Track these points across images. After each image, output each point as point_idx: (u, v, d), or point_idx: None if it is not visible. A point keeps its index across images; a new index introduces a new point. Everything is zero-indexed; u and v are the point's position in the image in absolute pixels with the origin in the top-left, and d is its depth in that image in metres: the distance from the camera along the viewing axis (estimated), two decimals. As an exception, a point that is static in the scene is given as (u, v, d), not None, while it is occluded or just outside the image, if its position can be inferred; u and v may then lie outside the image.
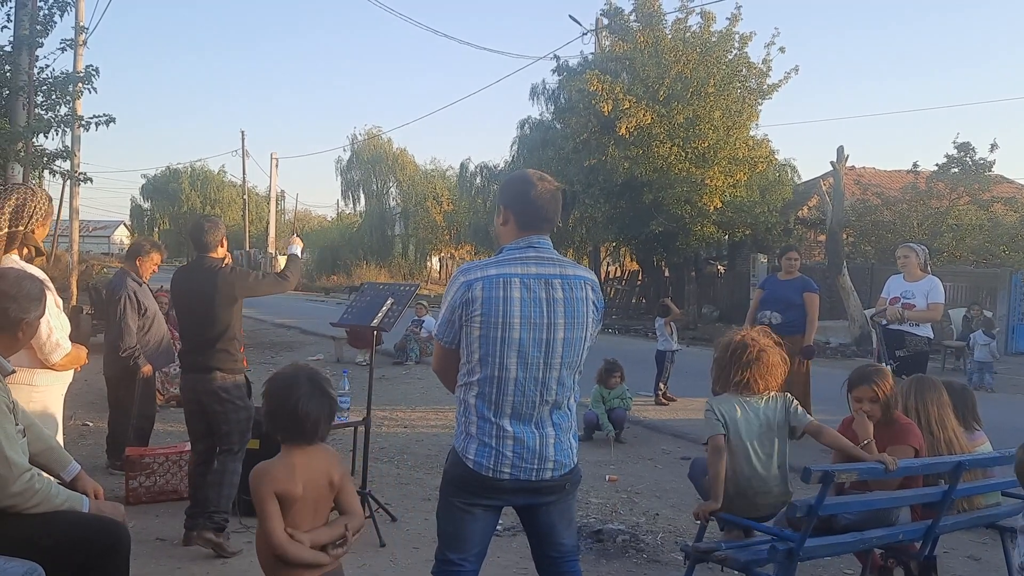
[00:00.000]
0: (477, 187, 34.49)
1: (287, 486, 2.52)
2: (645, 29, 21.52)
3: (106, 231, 74.66)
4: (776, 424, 3.80)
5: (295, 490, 2.53)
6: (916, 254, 7.23)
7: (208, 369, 4.58)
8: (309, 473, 2.57)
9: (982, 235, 20.69)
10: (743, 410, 3.78)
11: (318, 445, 2.65)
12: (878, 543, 3.89)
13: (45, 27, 12.24)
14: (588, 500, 5.81)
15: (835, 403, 4.07)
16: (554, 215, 2.86)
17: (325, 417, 2.63)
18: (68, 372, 3.69)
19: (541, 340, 2.72)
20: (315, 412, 2.59)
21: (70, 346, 3.58)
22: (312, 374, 2.66)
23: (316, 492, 2.58)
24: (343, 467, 2.72)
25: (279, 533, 2.48)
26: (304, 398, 2.57)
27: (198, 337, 4.63)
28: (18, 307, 2.96)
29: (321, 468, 2.61)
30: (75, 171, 13.90)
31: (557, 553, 2.92)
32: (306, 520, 2.56)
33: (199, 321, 4.63)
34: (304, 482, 2.55)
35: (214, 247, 4.69)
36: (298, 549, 2.49)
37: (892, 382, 4.08)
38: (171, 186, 63.52)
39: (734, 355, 3.84)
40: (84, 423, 7.79)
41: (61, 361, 3.53)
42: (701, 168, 20.50)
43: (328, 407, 2.63)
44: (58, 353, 3.50)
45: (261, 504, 2.50)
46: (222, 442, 4.63)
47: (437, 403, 9.69)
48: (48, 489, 2.86)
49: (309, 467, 2.58)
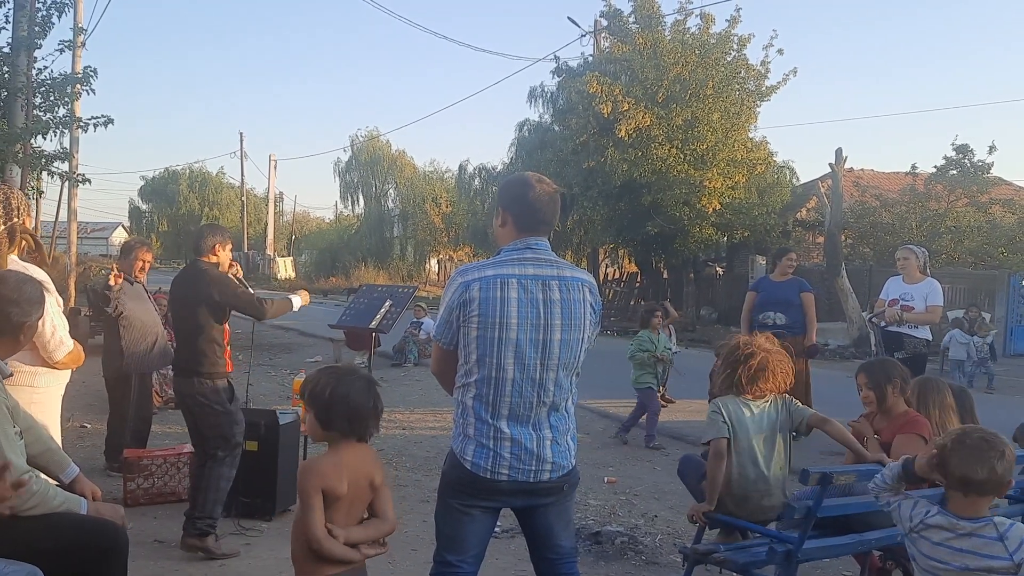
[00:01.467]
0: (476, 189, 34.45)
1: (334, 483, 2.55)
2: (644, 31, 21.54)
3: (104, 233, 74.55)
4: (779, 425, 3.81)
5: (340, 488, 2.55)
6: (916, 256, 7.24)
7: (188, 372, 4.60)
8: (355, 472, 2.60)
9: (980, 237, 20.73)
10: (749, 411, 3.78)
11: (365, 445, 2.69)
12: (877, 545, 3.89)
13: (43, 28, 12.23)
14: (586, 502, 5.80)
15: (835, 404, 4.09)
16: (552, 217, 2.86)
17: (376, 417, 2.67)
18: (66, 373, 3.69)
19: (538, 341, 2.72)
20: (370, 410, 2.64)
21: (72, 343, 3.59)
22: (366, 374, 2.74)
23: (358, 491, 2.62)
24: (384, 470, 2.75)
25: (319, 528, 2.51)
26: (362, 395, 2.62)
27: (182, 339, 4.70)
28: (20, 311, 2.97)
29: (366, 468, 2.64)
30: (73, 173, 13.88)
31: (555, 555, 2.91)
32: (342, 517, 2.59)
33: (183, 323, 4.69)
34: (349, 480, 2.58)
35: (206, 251, 4.69)
36: (333, 545, 2.53)
37: (898, 373, 4.11)
38: (169, 188, 63.47)
39: (739, 360, 3.82)
40: (82, 424, 7.78)
41: (64, 359, 3.53)
42: (700, 170, 20.52)
43: (380, 407, 2.68)
44: (62, 350, 3.50)
45: (306, 498, 2.53)
46: (205, 446, 4.62)
47: (435, 405, 9.68)
48: (46, 491, 2.85)
49: (356, 466, 2.62)
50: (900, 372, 4.14)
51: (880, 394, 4.07)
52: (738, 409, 3.78)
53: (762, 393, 3.80)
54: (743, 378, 3.78)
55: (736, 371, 3.81)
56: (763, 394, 3.80)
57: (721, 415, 3.76)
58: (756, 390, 3.79)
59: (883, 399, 4.06)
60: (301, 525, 2.55)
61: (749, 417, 3.76)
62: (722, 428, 3.73)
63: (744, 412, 3.77)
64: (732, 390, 3.84)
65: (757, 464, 3.73)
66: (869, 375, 4.15)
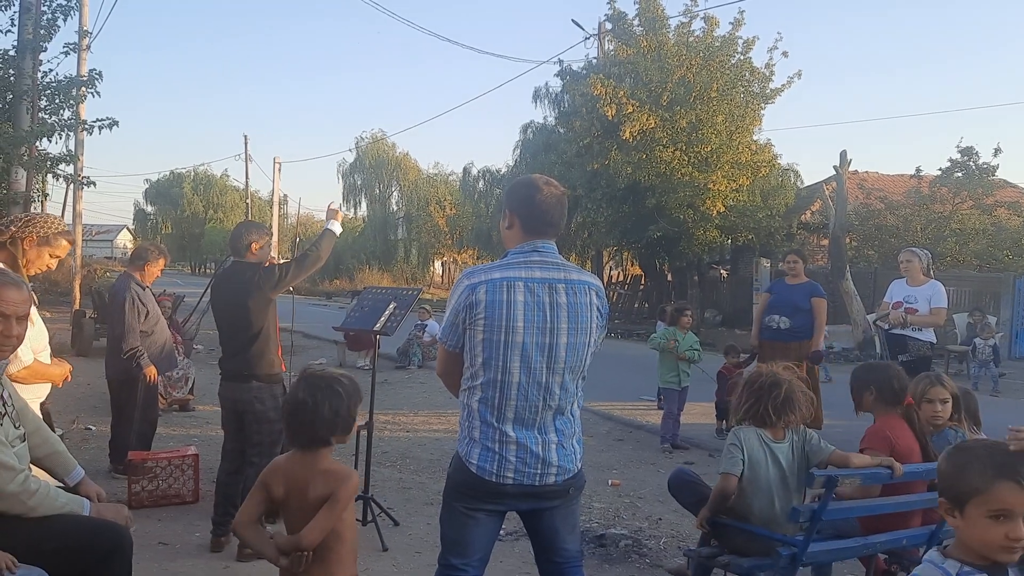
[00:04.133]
0: (480, 191, 34.52)
1: (271, 485, 2.61)
2: (648, 34, 21.53)
3: (109, 235, 74.87)
4: (797, 461, 3.68)
5: (276, 492, 2.59)
6: (919, 258, 7.22)
7: (244, 377, 4.52)
8: (292, 481, 2.57)
9: (985, 239, 20.67)
10: (767, 451, 3.64)
11: (324, 455, 2.60)
12: (882, 548, 3.87)
13: (49, 31, 12.30)
14: (591, 505, 5.79)
15: (843, 408, 4.06)
16: (559, 220, 2.86)
17: (322, 424, 2.55)
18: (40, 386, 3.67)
19: (544, 344, 2.71)
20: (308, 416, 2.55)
21: (31, 359, 3.54)
22: (314, 380, 2.61)
23: (298, 501, 2.56)
24: (335, 492, 2.54)
25: (243, 512, 2.63)
26: (300, 403, 2.56)
27: (234, 343, 4.57)
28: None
29: (301, 478, 2.56)
30: (78, 175, 13.94)
31: (560, 558, 2.91)
32: (291, 520, 2.58)
33: (233, 326, 4.57)
34: (287, 488, 2.57)
35: (244, 251, 4.62)
36: (247, 530, 2.61)
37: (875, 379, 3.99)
38: (174, 190, 63.68)
39: (764, 392, 3.67)
40: (87, 427, 7.78)
41: (19, 373, 3.48)
42: (704, 173, 20.50)
43: (322, 415, 2.55)
44: (15, 364, 3.44)
45: (252, 489, 2.65)
46: (250, 450, 4.57)
47: (439, 407, 9.68)
48: (47, 491, 2.85)
49: (293, 474, 2.58)
50: (879, 377, 3.99)
51: (856, 399, 4.03)
52: (757, 447, 3.63)
53: (781, 423, 3.66)
54: (770, 409, 3.64)
55: (762, 402, 3.66)
56: (783, 424, 3.67)
57: (740, 448, 3.62)
58: (782, 423, 3.65)
59: (859, 404, 4.01)
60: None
61: (765, 457, 3.63)
62: (736, 462, 3.60)
63: (762, 453, 3.63)
64: (756, 421, 3.69)
65: (773, 506, 3.61)
66: (850, 381, 4.10)
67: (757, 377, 3.76)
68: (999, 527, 1.88)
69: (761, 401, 3.66)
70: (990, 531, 1.89)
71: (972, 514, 1.92)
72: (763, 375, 3.74)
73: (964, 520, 1.94)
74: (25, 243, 3.92)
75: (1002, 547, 1.89)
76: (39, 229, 3.95)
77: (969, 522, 1.93)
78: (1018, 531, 1.88)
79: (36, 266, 3.99)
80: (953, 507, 1.96)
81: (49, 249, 4.00)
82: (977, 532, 1.92)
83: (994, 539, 1.89)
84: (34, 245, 3.95)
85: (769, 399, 3.64)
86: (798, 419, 3.69)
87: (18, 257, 3.89)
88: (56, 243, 4.02)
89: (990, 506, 1.89)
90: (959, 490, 1.95)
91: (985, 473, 1.92)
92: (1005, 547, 1.89)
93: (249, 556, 4.38)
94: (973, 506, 1.91)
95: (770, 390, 3.65)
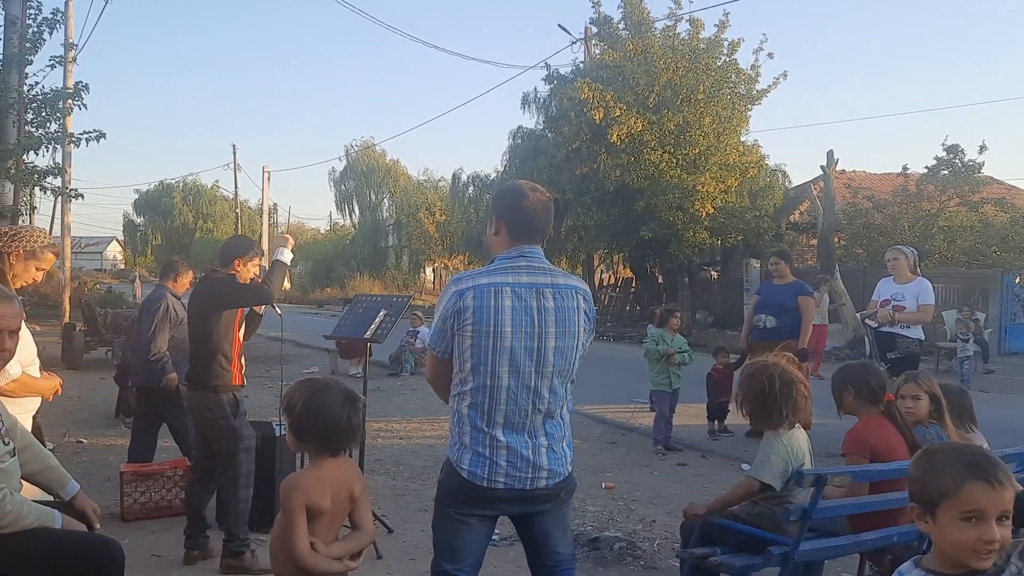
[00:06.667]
0: (470, 197, 34.45)
1: (317, 499, 2.55)
2: (634, 37, 21.60)
3: (99, 247, 74.42)
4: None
5: (324, 503, 2.56)
6: (905, 256, 7.28)
7: (195, 384, 4.57)
8: (336, 486, 2.60)
9: (973, 236, 20.80)
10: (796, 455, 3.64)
11: (343, 457, 2.68)
12: (873, 546, 3.89)
13: (34, 45, 12.28)
14: (585, 508, 5.81)
15: (832, 407, 4.08)
16: (546, 225, 2.88)
17: (350, 432, 2.65)
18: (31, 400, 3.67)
19: (532, 349, 2.73)
20: (343, 425, 2.61)
21: (19, 372, 3.52)
22: (345, 386, 2.70)
23: (339, 504, 2.62)
24: (363, 481, 2.74)
25: (303, 545, 2.50)
26: (335, 411, 2.59)
27: (194, 350, 4.62)
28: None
29: (346, 481, 2.64)
30: (66, 188, 13.91)
31: (553, 562, 2.92)
32: (324, 530, 2.59)
33: (194, 334, 4.62)
34: (332, 495, 2.58)
35: (226, 262, 4.63)
36: (318, 560, 2.53)
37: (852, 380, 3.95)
38: (163, 201, 63.35)
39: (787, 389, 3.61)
40: (78, 440, 7.76)
41: (8, 387, 3.46)
42: (692, 174, 20.56)
43: (354, 423, 2.65)
44: (3, 378, 3.41)
45: (291, 515, 2.52)
46: (217, 462, 4.59)
47: (432, 414, 9.68)
48: (19, 509, 2.79)
49: (337, 480, 2.61)
50: (856, 377, 3.96)
51: (837, 401, 4.01)
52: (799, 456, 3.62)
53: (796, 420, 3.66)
54: (784, 408, 3.60)
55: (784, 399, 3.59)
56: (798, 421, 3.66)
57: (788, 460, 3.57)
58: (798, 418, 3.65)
59: (840, 406, 4.00)
60: (284, 542, 2.54)
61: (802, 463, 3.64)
62: (775, 476, 3.57)
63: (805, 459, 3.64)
64: (780, 424, 3.64)
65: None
66: (831, 384, 4.06)
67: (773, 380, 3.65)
68: (971, 530, 1.83)
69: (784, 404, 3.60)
70: (962, 534, 1.84)
71: (943, 518, 1.86)
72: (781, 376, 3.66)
73: (936, 525, 1.88)
74: (12, 257, 3.91)
75: (974, 551, 1.83)
76: (25, 243, 3.95)
77: (941, 527, 1.87)
78: (991, 532, 1.82)
79: (23, 279, 3.98)
80: (925, 512, 1.91)
81: (36, 263, 4.00)
82: (950, 536, 1.86)
83: (967, 542, 1.83)
84: (20, 259, 3.94)
85: (789, 399, 3.60)
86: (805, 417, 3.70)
87: (5, 271, 3.89)
88: (43, 256, 4.02)
89: (961, 508, 1.83)
90: (929, 494, 1.89)
91: (955, 474, 1.86)
92: (977, 551, 1.83)
93: (235, 568, 4.41)
94: (944, 509, 1.86)
95: (791, 391, 3.61)
